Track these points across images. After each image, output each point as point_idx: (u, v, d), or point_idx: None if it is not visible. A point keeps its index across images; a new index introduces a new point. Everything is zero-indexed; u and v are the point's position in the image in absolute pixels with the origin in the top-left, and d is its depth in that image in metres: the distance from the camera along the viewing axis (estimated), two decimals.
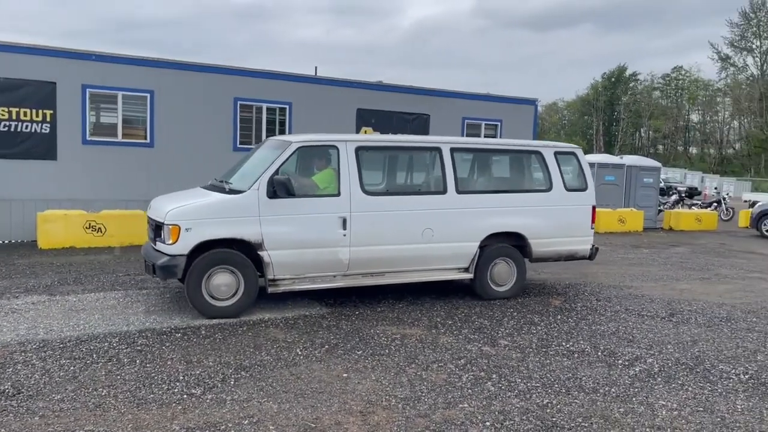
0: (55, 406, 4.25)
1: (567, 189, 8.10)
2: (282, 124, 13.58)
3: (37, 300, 7.07)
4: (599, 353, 5.80)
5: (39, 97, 11.23)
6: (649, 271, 10.57)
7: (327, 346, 5.69)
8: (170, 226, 6.29)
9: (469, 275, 7.65)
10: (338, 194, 6.87)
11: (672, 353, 5.89)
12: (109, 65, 11.80)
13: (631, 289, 8.91)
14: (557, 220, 7.98)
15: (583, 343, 6.12)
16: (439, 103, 15.40)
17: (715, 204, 23.14)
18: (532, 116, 16.91)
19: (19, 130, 11.14)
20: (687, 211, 19.52)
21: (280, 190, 6.49)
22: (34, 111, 11.22)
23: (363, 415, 4.25)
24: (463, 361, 5.43)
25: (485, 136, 15.81)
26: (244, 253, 6.52)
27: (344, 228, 6.84)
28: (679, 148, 73.11)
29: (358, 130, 14.09)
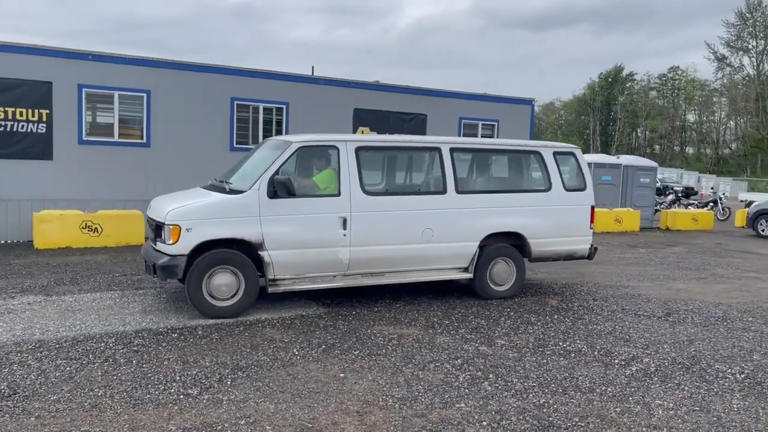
0: (51, 406, 4.23)
1: (566, 189, 8.11)
2: (279, 124, 13.57)
3: (33, 300, 7.05)
4: (596, 353, 5.81)
5: (35, 96, 11.21)
6: (646, 271, 10.59)
7: (324, 346, 5.69)
8: (171, 226, 6.29)
9: (468, 275, 7.66)
10: (338, 194, 6.87)
11: (668, 353, 5.90)
12: (105, 65, 11.78)
13: (628, 289, 8.92)
14: (556, 219, 8.00)
15: (579, 342, 6.13)
16: (436, 103, 15.40)
17: (712, 204, 23.17)
18: (529, 116, 16.92)
19: (15, 129, 11.12)
20: (683, 211, 19.55)
21: (281, 190, 6.49)
22: (30, 111, 11.20)
23: (360, 415, 4.24)
24: (459, 360, 5.43)
25: (482, 136, 15.81)
26: (244, 253, 6.52)
27: (344, 228, 6.85)
28: (675, 148, 73.34)
29: (355, 130, 14.07)
